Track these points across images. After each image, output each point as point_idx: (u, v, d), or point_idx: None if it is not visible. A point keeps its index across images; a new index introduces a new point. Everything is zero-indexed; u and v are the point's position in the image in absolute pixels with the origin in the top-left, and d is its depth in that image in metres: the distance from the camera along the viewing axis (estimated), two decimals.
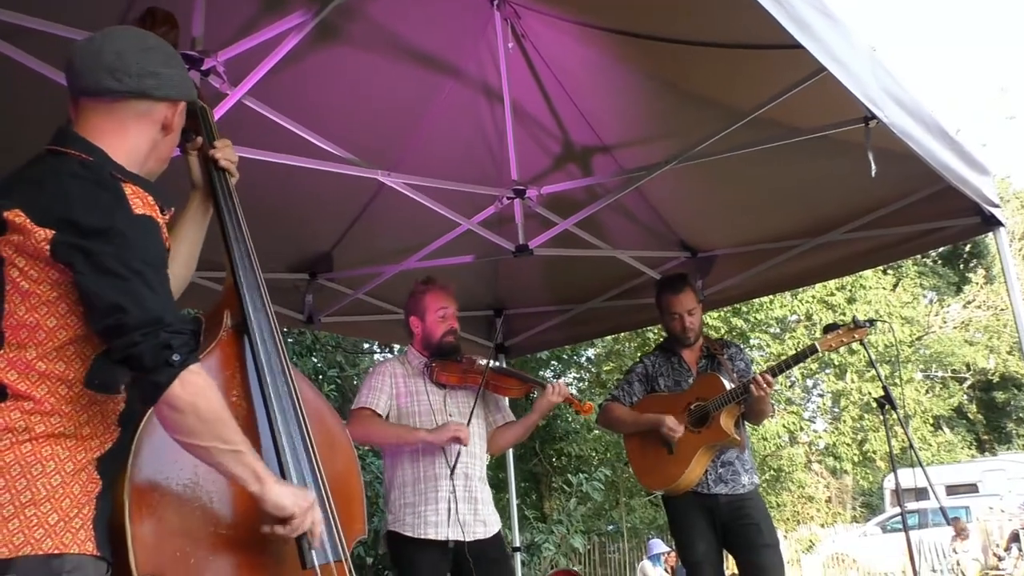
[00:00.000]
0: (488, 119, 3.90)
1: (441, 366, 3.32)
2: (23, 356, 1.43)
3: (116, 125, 1.58)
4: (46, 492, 1.39)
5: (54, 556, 1.38)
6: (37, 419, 1.41)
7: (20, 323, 1.43)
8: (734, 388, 3.57)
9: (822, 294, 17.28)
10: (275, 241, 4.17)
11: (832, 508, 20.97)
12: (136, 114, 1.59)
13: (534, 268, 4.79)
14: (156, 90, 1.60)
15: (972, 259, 23.20)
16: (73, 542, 1.40)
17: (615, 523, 14.73)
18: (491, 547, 3.27)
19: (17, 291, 1.43)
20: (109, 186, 1.48)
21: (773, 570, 3.54)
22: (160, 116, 1.63)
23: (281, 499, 1.59)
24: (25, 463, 1.39)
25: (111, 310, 1.40)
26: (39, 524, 1.37)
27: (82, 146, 1.53)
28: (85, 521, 1.43)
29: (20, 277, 1.43)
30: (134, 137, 1.59)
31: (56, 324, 1.44)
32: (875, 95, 2.72)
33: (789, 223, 4.25)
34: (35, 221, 1.40)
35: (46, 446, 1.41)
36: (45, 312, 1.43)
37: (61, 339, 1.44)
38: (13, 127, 2.75)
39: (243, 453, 1.55)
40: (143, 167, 1.61)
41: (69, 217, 1.41)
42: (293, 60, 3.01)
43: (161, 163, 1.69)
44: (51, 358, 1.44)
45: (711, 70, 3.34)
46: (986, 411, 23.59)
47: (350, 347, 10.39)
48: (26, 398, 1.42)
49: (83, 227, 1.41)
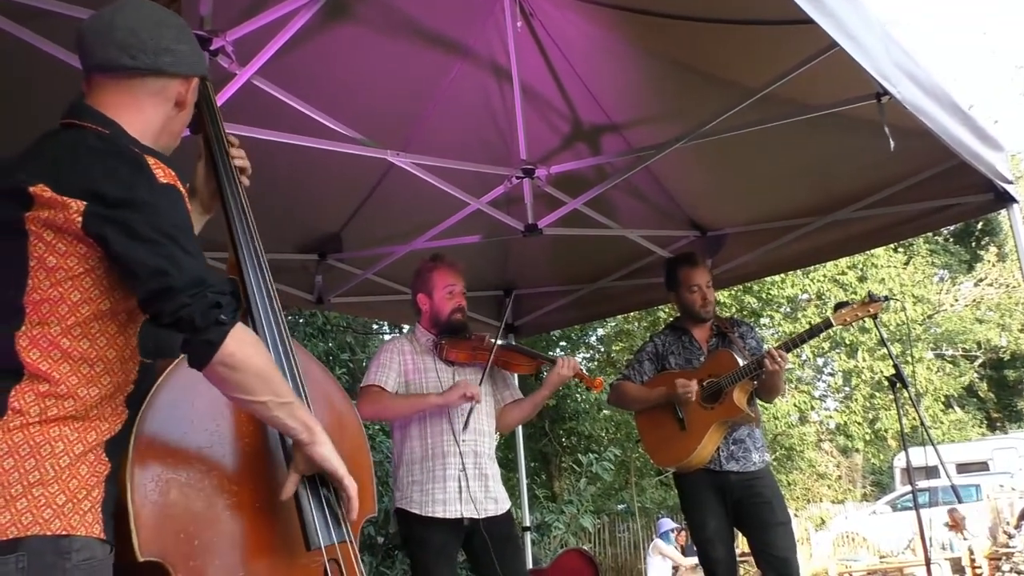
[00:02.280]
0: (497, 98, 3.88)
1: (450, 343, 3.33)
2: (47, 332, 1.41)
3: (131, 100, 1.57)
4: (54, 473, 1.39)
5: (62, 537, 1.37)
6: (51, 402, 1.41)
7: (43, 298, 1.41)
8: (748, 363, 3.56)
9: (833, 273, 17.19)
10: (284, 221, 4.18)
11: (842, 486, 20.99)
12: (151, 91, 1.59)
13: (543, 248, 4.78)
14: (171, 67, 1.59)
15: (984, 237, 23.03)
16: (81, 524, 1.40)
17: (625, 503, 14.78)
18: (503, 524, 3.29)
19: (43, 267, 1.41)
20: (128, 158, 1.46)
21: (785, 548, 3.54)
22: (174, 92, 1.62)
23: (329, 451, 1.62)
24: (34, 443, 1.39)
25: (155, 274, 1.39)
26: (47, 504, 1.37)
27: (98, 119, 1.52)
28: (94, 504, 1.43)
29: (47, 252, 1.41)
30: (149, 113, 1.59)
31: (80, 298, 1.43)
32: (888, 70, 2.69)
33: (800, 201, 4.23)
34: (62, 194, 1.39)
35: (55, 427, 1.41)
36: (69, 286, 1.42)
37: (83, 314, 1.43)
38: (31, 110, 2.75)
39: (295, 405, 1.57)
40: (156, 142, 1.60)
41: (94, 189, 1.40)
42: (302, 40, 3.00)
43: (173, 138, 1.68)
44: (74, 334, 1.43)
45: (721, 47, 3.31)
46: (997, 389, 23.51)
47: (360, 329, 10.41)
48: (43, 379, 1.40)
49: (109, 199, 1.40)
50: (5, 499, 1.35)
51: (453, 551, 3.25)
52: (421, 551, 3.20)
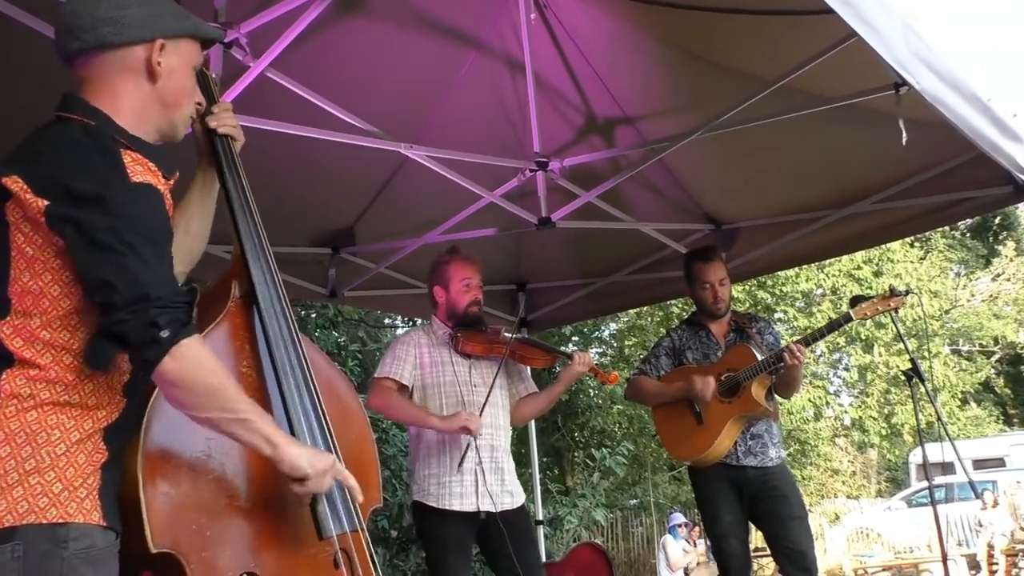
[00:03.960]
0: (510, 91, 3.87)
1: (466, 336, 3.32)
2: (28, 324, 1.41)
3: (103, 85, 1.51)
4: (50, 460, 1.38)
5: (59, 525, 1.36)
6: (42, 386, 1.40)
7: (25, 289, 1.41)
8: (767, 358, 3.54)
9: (849, 267, 17.07)
10: (297, 215, 4.18)
11: (857, 482, 20.88)
12: (115, 68, 1.52)
13: (557, 241, 4.76)
14: (116, 36, 1.50)
15: (1002, 231, 22.81)
16: (78, 511, 1.39)
17: (638, 498, 14.76)
18: (518, 517, 3.29)
19: (22, 256, 1.41)
20: (108, 152, 1.44)
21: (803, 541, 3.53)
22: (137, 63, 1.53)
23: (296, 460, 1.57)
24: (30, 431, 1.38)
25: (100, 286, 1.38)
26: (43, 493, 1.36)
27: (84, 110, 1.49)
28: (91, 491, 1.42)
29: (25, 243, 1.40)
30: (125, 94, 1.53)
31: (60, 292, 1.42)
32: (907, 61, 2.65)
33: (816, 194, 4.19)
34: (32, 189, 1.38)
35: (51, 414, 1.40)
36: (49, 280, 1.41)
37: (65, 308, 1.42)
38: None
39: (250, 420, 1.52)
40: (152, 124, 1.56)
41: (63, 184, 1.38)
42: (315, 32, 3.00)
43: (168, 112, 1.59)
44: (55, 327, 1.42)
45: (736, 38, 3.28)
46: (1014, 385, 23.31)
47: (372, 322, 10.43)
48: (32, 365, 1.40)
49: (77, 195, 1.37)
50: (1, 487, 1.34)
51: (468, 544, 3.26)
52: (436, 544, 3.22)
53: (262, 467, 1.66)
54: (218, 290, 1.83)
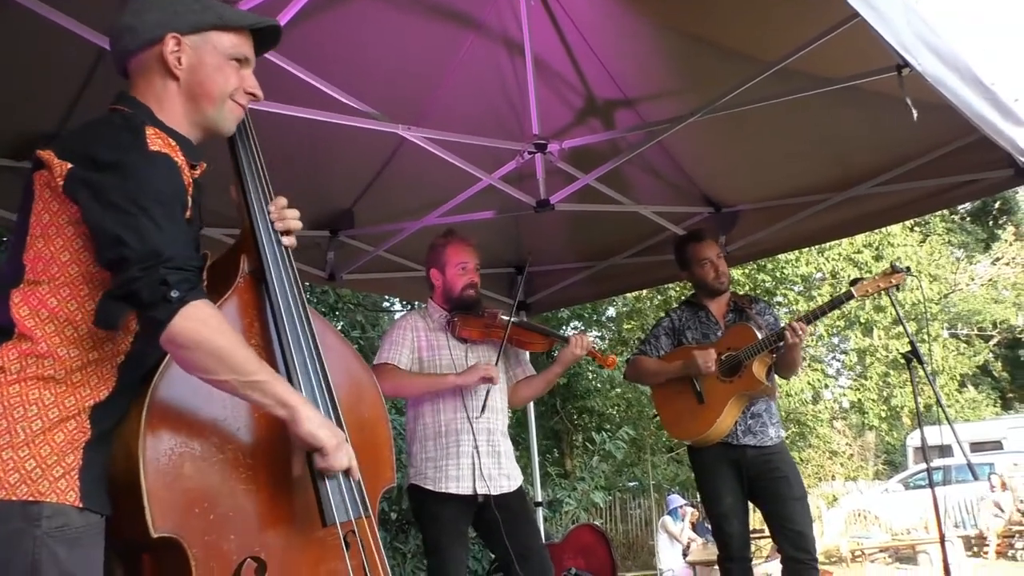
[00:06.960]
0: (509, 73, 3.84)
1: (463, 321, 3.31)
2: (36, 291, 1.44)
3: (145, 85, 1.60)
4: (24, 436, 1.37)
5: (30, 503, 1.35)
6: (32, 360, 1.41)
7: (38, 255, 1.45)
8: (768, 336, 3.55)
9: (848, 251, 17.08)
10: (295, 197, 4.06)
11: (855, 464, 20.97)
12: (143, 71, 1.61)
13: (556, 224, 4.75)
14: (132, 42, 1.59)
15: (1001, 216, 22.79)
16: (51, 491, 1.37)
17: (637, 480, 14.82)
18: (515, 500, 3.30)
19: (39, 223, 1.45)
20: (134, 129, 1.50)
21: (802, 522, 3.54)
22: (157, 63, 1.59)
23: (314, 426, 1.56)
24: (8, 405, 1.38)
25: (113, 243, 1.39)
26: (15, 469, 1.35)
27: (129, 103, 1.58)
28: (68, 470, 1.40)
29: (43, 209, 1.45)
30: (161, 93, 1.59)
31: (69, 259, 1.45)
32: (909, 42, 2.63)
33: (816, 176, 4.18)
34: (60, 156, 1.44)
35: (34, 389, 1.40)
36: (60, 245, 1.45)
37: (72, 274, 1.45)
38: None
39: (264, 382, 1.51)
40: (187, 118, 1.61)
41: (89, 152, 1.43)
42: (313, 13, 2.97)
43: (200, 105, 1.62)
44: (63, 295, 1.44)
45: (737, 18, 3.25)
46: (1012, 368, 23.36)
47: (371, 306, 10.41)
48: (27, 338, 1.41)
49: (98, 161, 1.42)
50: None
51: (464, 527, 3.26)
52: (433, 526, 3.22)
53: (269, 448, 1.64)
54: (226, 265, 1.78)
